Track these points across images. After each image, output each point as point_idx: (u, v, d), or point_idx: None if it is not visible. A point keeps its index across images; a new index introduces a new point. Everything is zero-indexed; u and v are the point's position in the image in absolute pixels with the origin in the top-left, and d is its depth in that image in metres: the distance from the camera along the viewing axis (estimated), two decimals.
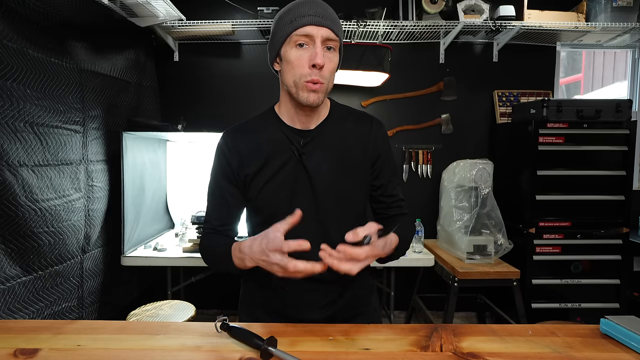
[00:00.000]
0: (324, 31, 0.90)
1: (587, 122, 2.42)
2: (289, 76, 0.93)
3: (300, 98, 0.92)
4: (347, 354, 0.81)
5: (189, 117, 2.71)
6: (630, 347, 0.82)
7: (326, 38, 0.90)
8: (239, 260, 0.91)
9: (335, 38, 0.92)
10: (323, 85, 0.92)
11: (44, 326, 0.92)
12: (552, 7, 2.64)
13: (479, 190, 2.42)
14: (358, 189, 1.04)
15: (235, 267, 0.94)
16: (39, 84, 1.69)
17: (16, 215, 1.55)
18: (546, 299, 2.49)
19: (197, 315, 2.04)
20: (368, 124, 1.06)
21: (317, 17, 0.89)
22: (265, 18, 2.57)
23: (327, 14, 0.91)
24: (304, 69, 0.90)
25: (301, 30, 0.89)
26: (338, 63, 0.97)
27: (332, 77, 0.95)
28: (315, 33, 0.89)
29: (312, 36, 0.89)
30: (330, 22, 0.91)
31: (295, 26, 0.90)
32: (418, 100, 2.95)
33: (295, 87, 0.92)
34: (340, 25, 0.95)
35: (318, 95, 0.92)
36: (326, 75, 0.92)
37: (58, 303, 1.83)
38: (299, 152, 0.98)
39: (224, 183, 1.02)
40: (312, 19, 0.89)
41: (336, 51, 0.94)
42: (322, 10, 0.91)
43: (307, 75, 0.90)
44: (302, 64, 0.90)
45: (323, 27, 0.90)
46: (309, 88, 0.91)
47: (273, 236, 0.81)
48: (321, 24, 0.89)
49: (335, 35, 0.91)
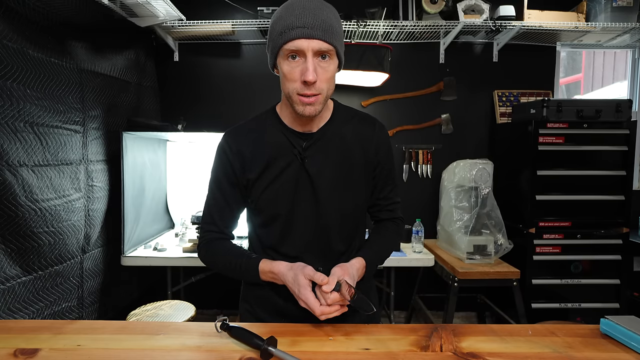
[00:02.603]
0: (314, 43, 0.85)
1: (587, 122, 2.42)
2: (284, 88, 0.92)
3: (297, 110, 0.91)
4: (347, 354, 0.81)
5: (189, 117, 2.71)
6: (630, 347, 0.82)
7: (317, 50, 0.86)
8: (269, 279, 0.98)
9: (328, 48, 0.87)
10: (319, 97, 0.89)
11: (44, 326, 0.92)
12: (552, 7, 2.64)
13: (479, 190, 2.42)
14: (359, 193, 1.03)
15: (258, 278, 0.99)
16: (39, 84, 1.69)
17: (16, 215, 1.55)
18: (546, 299, 2.49)
19: (197, 315, 2.04)
20: (371, 126, 1.05)
21: (307, 28, 0.84)
22: (265, 18, 2.57)
23: (318, 23, 0.85)
24: (296, 83, 0.88)
25: (291, 44, 0.85)
26: (339, 65, 0.95)
27: (330, 84, 0.92)
28: (306, 46, 0.85)
29: (303, 50, 0.85)
30: (322, 32, 0.85)
31: (285, 39, 0.86)
32: (418, 100, 2.95)
33: (291, 99, 0.91)
34: (336, 30, 0.89)
35: (315, 107, 0.90)
36: (321, 86, 0.88)
37: (58, 303, 1.83)
38: (301, 156, 0.98)
39: (225, 184, 1.02)
40: (301, 31, 0.84)
41: (332, 58, 0.90)
42: (313, 19, 0.85)
43: (300, 90, 0.88)
44: (294, 78, 0.88)
45: (314, 39, 0.85)
46: (303, 102, 0.89)
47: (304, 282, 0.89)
48: (311, 36, 0.84)
49: (328, 44, 0.86)
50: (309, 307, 0.87)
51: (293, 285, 0.91)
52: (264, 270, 0.97)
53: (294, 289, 0.91)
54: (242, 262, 1.00)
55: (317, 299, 0.87)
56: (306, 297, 0.87)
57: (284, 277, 0.94)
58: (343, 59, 0.96)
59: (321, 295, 0.87)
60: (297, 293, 0.89)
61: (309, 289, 0.88)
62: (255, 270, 0.98)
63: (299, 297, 0.89)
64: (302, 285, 0.88)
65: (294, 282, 0.90)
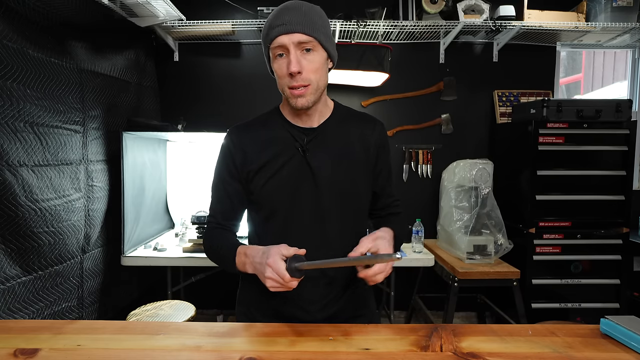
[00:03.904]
0: (295, 37, 0.90)
1: (587, 122, 2.42)
2: (279, 85, 0.98)
3: (291, 104, 0.96)
4: (347, 354, 0.81)
5: (189, 117, 2.70)
6: (630, 347, 0.82)
7: (298, 42, 0.90)
8: (241, 263, 0.95)
9: (309, 39, 0.91)
10: (308, 88, 0.94)
11: (44, 326, 0.92)
12: (552, 7, 2.64)
13: (479, 190, 2.42)
14: (360, 187, 1.04)
15: (236, 268, 0.96)
16: (39, 84, 1.69)
17: (16, 215, 1.55)
18: (546, 299, 2.49)
19: (197, 315, 2.04)
20: (370, 125, 1.07)
21: (286, 25, 0.90)
22: (265, 18, 2.56)
23: (298, 19, 0.90)
24: (284, 78, 0.94)
25: (274, 42, 0.92)
26: (331, 58, 0.99)
27: (320, 76, 0.95)
28: (287, 41, 0.90)
29: (285, 45, 0.91)
30: (301, 26, 0.90)
31: (270, 39, 0.93)
32: (418, 100, 2.95)
33: (284, 95, 0.97)
34: (316, 23, 0.93)
35: (306, 99, 0.94)
36: (308, 77, 0.93)
37: (58, 303, 1.83)
38: (303, 149, 1.00)
39: (227, 179, 1.04)
40: (281, 28, 0.90)
41: (316, 50, 0.93)
42: (293, 16, 0.90)
43: (289, 83, 0.94)
44: (282, 74, 0.94)
45: (293, 33, 0.90)
46: (293, 94, 0.94)
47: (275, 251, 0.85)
48: (290, 31, 0.90)
49: (308, 36, 0.91)
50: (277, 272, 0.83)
51: (262, 257, 0.88)
52: (239, 252, 0.96)
53: (262, 260, 0.87)
54: (225, 249, 1.00)
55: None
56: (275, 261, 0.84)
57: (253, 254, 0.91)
58: (334, 52, 0.99)
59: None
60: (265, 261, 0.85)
61: (278, 257, 0.85)
62: (233, 252, 0.97)
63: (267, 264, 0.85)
64: (272, 254, 0.85)
65: (264, 254, 0.88)
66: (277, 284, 0.85)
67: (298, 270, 0.85)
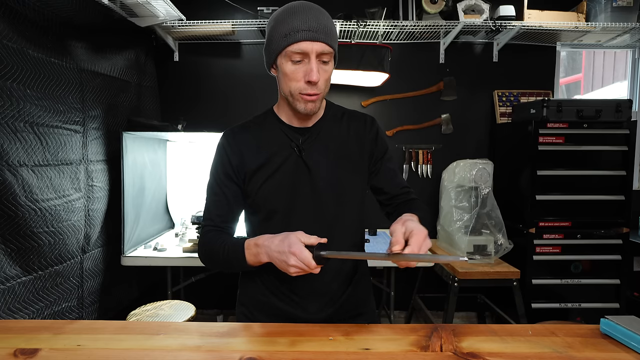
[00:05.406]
0: (318, 46, 0.89)
1: (587, 122, 2.42)
2: (285, 87, 0.94)
3: (298, 107, 0.95)
4: (347, 354, 0.81)
5: (189, 117, 2.70)
6: (630, 347, 0.82)
7: (320, 52, 0.90)
8: (253, 255, 0.93)
9: (329, 51, 0.91)
10: (319, 95, 0.94)
11: (44, 326, 0.92)
12: (552, 7, 2.64)
13: (479, 190, 2.42)
14: (357, 183, 1.04)
15: (245, 262, 0.94)
16: (39, 84, 1.69)
17: (16, 215, 1.55)
18: (546, 299, 2.49)
19: (197, 315, 2.04)
20: (362, 121, 1.08)
21: (311, 31, 0.88)
22: (265, 18, 2.57)
23: (321, 26, 0.89)
24: (299, 83, 0.92)
25: (295, 46, 0.89)
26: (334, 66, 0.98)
27: (328, 84, 0.96)
28: (310, 49, 0.89)
29: (307, 52, 0.89)
30: (324, 35, 0.89)
31: (289, 41, 0.89)
32: (418, 100, 2.95)
33: (292, 97, 0.94)
34: (334, 33, 0.94)
35: (315, 105, 0.95)
36: (321, 86, 0.93)
37: (58, 303, 1.83)
38: (299, 149, 1.00)
39: (224, 180, 1.03)
40: (305, 34, 0.88)
41: (331, 60, 0.94)
42: (316, 22, 0.89)
43: (303, 89, 0.92)
44: (297, 78, 0.92)
45: (317, 41, 0.89)
46: (305, 99, 0.93)
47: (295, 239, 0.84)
48: (315, 39, 0.88)
49: (329, 47, 0.91)
50: (304, 260, 0.82)
51: (281, 245, 0.85)
52: (249, 245, 0.94)
53: (282, 248, 0.85)
54: (229, 246, 0.97)
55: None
56: (300, 250, 0.82)
57: (268, 243, 0.89)
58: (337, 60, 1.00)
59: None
60: (288, 249, 0.83)
61: (301, 244, 0.83)
62: (241, 247, 0.94)
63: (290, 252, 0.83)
64: (293, 242, 0.84)
65: (282, 242, 0.86)
66: (301, 270, 0.84)
67: (324, 258, 0.85)
